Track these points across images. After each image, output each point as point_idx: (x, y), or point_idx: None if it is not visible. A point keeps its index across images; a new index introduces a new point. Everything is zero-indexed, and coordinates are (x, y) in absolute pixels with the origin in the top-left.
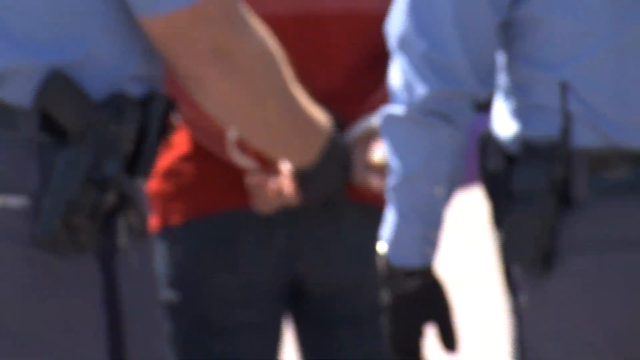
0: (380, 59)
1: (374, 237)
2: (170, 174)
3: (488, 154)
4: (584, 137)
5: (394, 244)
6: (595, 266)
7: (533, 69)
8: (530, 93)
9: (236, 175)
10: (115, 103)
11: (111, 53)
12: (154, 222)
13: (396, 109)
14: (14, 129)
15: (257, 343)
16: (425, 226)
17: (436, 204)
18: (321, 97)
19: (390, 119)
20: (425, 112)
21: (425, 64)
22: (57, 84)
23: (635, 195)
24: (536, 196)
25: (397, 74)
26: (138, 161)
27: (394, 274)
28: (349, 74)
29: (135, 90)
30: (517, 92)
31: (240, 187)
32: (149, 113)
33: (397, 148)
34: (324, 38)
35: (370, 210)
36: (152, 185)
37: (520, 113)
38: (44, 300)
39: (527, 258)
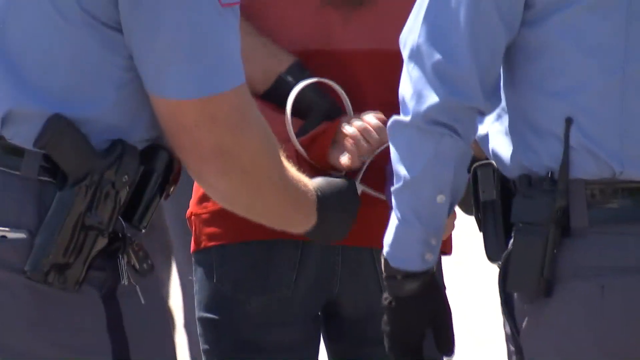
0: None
1: None
2: (206, 198)
3: (482, 182)
4: (584, 168)
5: (394, 246)
6: (596, 292)
7: (537, 96)
8: (532, 119)
9: None
10: (116, 152)
11: (120, 117)
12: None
13: (403, 117)
14: (16, 169)
15: None
16: (427, 231)
17: (438, 210)
18: None
19: (397, 125)
20: (431, 122)
21: (436, 75)
22: (59, 128)
23: (633, 224)
24: (539, 226)
25: (407, 82)
26: (135, 210)
27: (394, 276)
28: (377, 110)
29: (139, 144)
30: (517, 116)
31: None
32: (152, 165)
33: (401, 153)
34: (351, 75)
35: None
36: (190, 208)
37: (519, 138)
38: (50, 324)
39: (531, 287)
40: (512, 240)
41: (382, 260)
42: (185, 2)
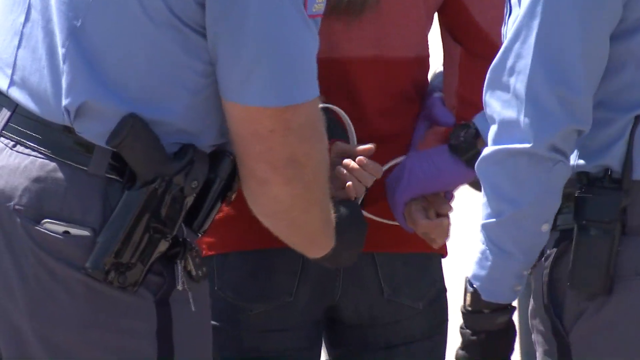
0: (412, 102)
1: (406, 270)
2: None
3: None
4: None
5: (489, 280)
6: None
7: (609, 112)
8: (599, 131)
9: None
10: (187, 158)
11: (192, 122)
12: None
13: (516, 145)
14: (84, 164)
15: None
16: (526, 263)
17: (541, 240)
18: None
19: (505, 153)
20: (552, 149)
21: (557, 102)
22: (134, 128)
23: None
24: (606, 224)
25: (511, 109)
26: (196, 215)
27: (483, 310)
28: (380, 117)
29: (206, 149)
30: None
31: None
32: (216, 171)
33: (506, 183)
34: (353, 82)
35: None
36: None
37: (580, 147)
38: (100, 325)
39: (597, 284)
40: (575, 238)
41: (469, 295)
42: (274, 12)
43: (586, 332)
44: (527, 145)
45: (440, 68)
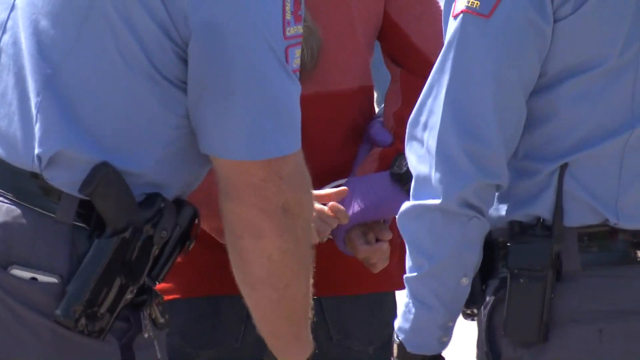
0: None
1: (354, 312)
2: None
3: None
4: (577, 216)
5: (413, 332)
6: (594, 336)
7: (535, 163)
8: (526, 180)
9: (219, 262)
10: (156, 207)
11: (161, 174)
12: None
13: (428, 200)
14: (51, 211)
15: None
16: (448, 316)
17: (461, 293)
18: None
19: (420, 208)
20: (462, 205)
21: (465, 157)
22: (108, 177)
23: (623, 267)
24: (537, 272)
25: (427, 164)
26: (155, 263)
27: None
28: (333, 152)
29: (170, 198)
30: (511, 179)
31: (224, 274)
32: (176, 220)
33: (423, 238)
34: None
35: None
36: None
37: (511, 196)
38: None
39: (532, 332)
40: (508, 286)
41: (396, 346)
42: (259, 66)
43: None
44: (437, 201)
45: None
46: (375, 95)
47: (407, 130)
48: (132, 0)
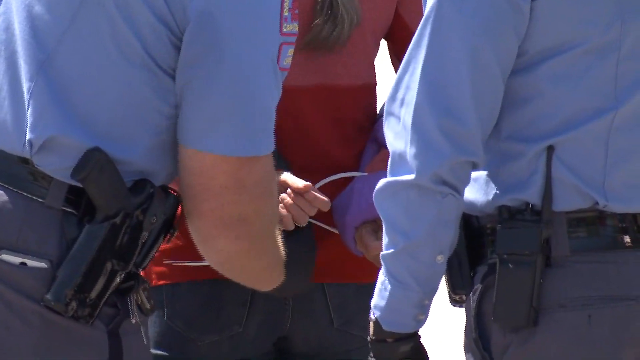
0: (365, 130)
1: (357, 299)
2: None
3: None
4: (566, 200)
5: (388, 310)
6: (583, 321)
7: (520, 144)
8: (512, 163)
9: None
10: (146, 192)
11: (149, 163)
12: None
13: (404, 176)
14: (41, 197)
15: None
16: (424, 294)
17: (437, 271)
18: (302, 167)
19: (394, 185)
20: (438, 181)
21: (442, 133)
22: (100, 163)
23: (612, 252)
24: (527, 256)
25: (403, 140)
26: (141, 251)
27: (384, 339)
28: (332, 145)
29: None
30: (493, 156)
31: None
32: (163, 208)
33: (397, 217)
34: (300, 111)
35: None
36: None
37: (494, 173)
38: (53, 354)
39: (520, 317)
40: (497, 271)
41: (372, 324)
42: (250, 62)
43: None
44: (411, 177)
45: None
46: None
47: (385, 107)
48: None
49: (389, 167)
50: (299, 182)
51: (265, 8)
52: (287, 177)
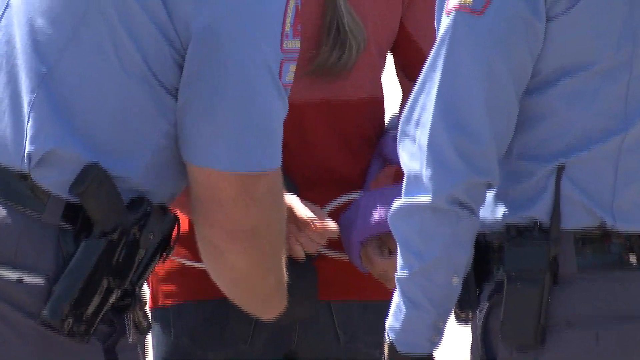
0: (372, 144)
1: (365, 315)
2: None
3: None
4: (574, 218)
5: (404, 332)
6: (590, 340)
7: (530, 163)
8: (521, 182)
9: None
10: (142, 209)
11: (147, 181)
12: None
13: (419, 197)
14: (38, 212)
15: None
16: (438, 315)
17: (452, 293)
18: (307, 182)
19: (411, 207)
20: (453, 202)
21: (457, 153)
22: (99, 178)
23: (619, 270)
24: (535, 274)
25: (418, 161)
26: (137, 269)
27: None
28: (338, 160)
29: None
30: (504, 180)
31: None
32: (161, 226)
33: (413, 237)
34: (306, 125)
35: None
36: None
37: (507, 199)
38: None
39: (528, 335)
40: (505, 289)
41: (386, 346)
42: (252, 78)
43: None
44: (427, 198)
45: (397, 111)
46: None
47: (399, 127)
48: (133, 1)
49: (403, 187)
50: (305, 212)
51: (268, 26)
52: (293, 202)
